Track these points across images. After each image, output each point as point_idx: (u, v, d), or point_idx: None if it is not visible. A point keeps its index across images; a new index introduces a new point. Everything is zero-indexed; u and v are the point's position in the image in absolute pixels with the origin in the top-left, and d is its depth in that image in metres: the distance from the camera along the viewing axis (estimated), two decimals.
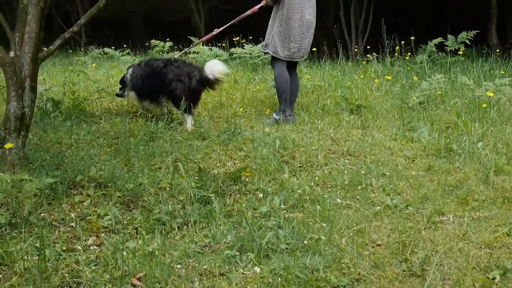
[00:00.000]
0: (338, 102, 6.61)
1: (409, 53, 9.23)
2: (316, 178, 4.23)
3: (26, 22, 4.14)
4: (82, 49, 14.29)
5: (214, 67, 5.89)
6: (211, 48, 10.28)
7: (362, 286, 2.77)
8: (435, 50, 8.96)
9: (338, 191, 3.96)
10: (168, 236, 3.32)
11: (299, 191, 3.90)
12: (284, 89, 6.00)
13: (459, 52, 8.52)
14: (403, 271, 2.90)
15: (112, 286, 2.73)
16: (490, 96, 5.70)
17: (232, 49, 10.48)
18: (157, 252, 3.04)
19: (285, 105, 5.94)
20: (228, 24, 6.68)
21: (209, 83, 5.93)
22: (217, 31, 6.99)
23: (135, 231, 3.36)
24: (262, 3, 6.12)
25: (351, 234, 3.29)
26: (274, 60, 6.10)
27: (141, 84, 6.15)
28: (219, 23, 7.09)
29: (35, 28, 4.14)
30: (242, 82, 8.43)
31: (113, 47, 12.03)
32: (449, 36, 8.83)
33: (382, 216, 3.58)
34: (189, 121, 5.83)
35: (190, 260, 3.01)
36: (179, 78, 5.90)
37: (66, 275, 2.81)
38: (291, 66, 6.13)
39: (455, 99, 6.31)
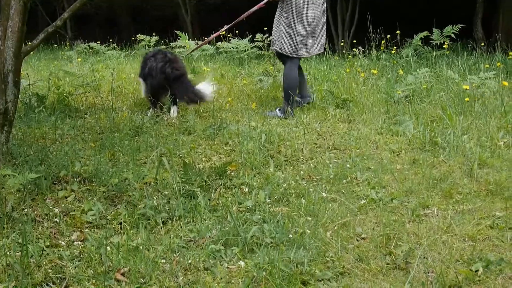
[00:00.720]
0: (324, 96, 6.62)
1: (395, 47, 9.25)
2: (302, 172, 4.24)
3: (9, 16, 4.10)
4: (68, 43, 14.19)
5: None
6: (197, 43, 10.23)
7: (346, 279, 2.77)
8: (420, 44, 8.98)
9: (323, 185, 3.97)
10: (153, 231, 3.31)
11: (284, 185, 3.90)
12: (292, 88, 5.97)
13: (444, 46, 8.55)
14: (387, 264, 2.91)
15: (95, 281, 2.71)
16: (466, 89, 5.73)
17: (219, 43, 10.45)
18: (141, 247, 3.03)
19: (292, 104, 5.96)
20: (236, 21, 6.62)
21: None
22: (226, 28, 7.09)
23: (119, 226, 3.35)
24: None
25: (335, 227, 3.29)
26: (283, 57, 6.09)
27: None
28: (206, 18, 7.08)
29: (18, 23, 4.10)
30: (229, 77, 8.42)
31: (98, 42, 11.95)
32: (434, 30, 8.85)
33: (366, 209, 3.59)
34: (172, 111, 5.96)
35: (174, 254, 3.00)
36: (151, 72, 5.95)
37: (49, 270, 2.79)
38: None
39: (440, 93, 6.33)
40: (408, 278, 2.72)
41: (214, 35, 7.22)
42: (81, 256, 2.97)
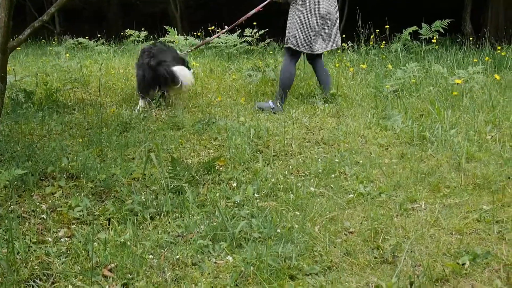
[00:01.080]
0: (313, 91, 6.61)
1: (384, 42, 9.26)
2: (290, 166, 4.24)
3: None
4: (56, 39, 14.10)
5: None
6: (186, 38, 10.20)
7: (334, 274, 2.78)
8: (409, 39, 9.00)
9: (312, 180, 3.97)
10: (141, 227, 3.30)
11: (273, 180, 3.90)
12: (286, 83, 6.04)
13: (433, 41, 8.57)
14: (375, 258, 2.92)
15: (82, 277, 2.70)
16: (458, 83, 5.75)
17: (208, 38, 10.40)
18: (129, 243, 3.02)
19: (281, 99, 6.03)
20: (235, 23, 6.77)
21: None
22: (227, 29, 7.26)
23: (107, 222, 3.34)
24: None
25: (324, 222, 3.30)
26: (286, 51, 6.13)
27: None
28: (195, 13, 7.08)
29: (4, 18, 4.06)
30: (218, 72, 8.39)
31: (87, 37, 11.88)
32: (423, 24, 8.87)
33: (355, 203, 3.60)
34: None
35: (162, 250, 3.00)
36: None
37: (36, 267, 2.78)
38: (313, 57, 6.22)
39: (429, 87, 6.34)
40: (396, 272, 2.73)
41: (218, 34, 7.29)
42: (68, 252, 2.95)
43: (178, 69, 5.98)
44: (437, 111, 5.20)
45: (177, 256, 2.91)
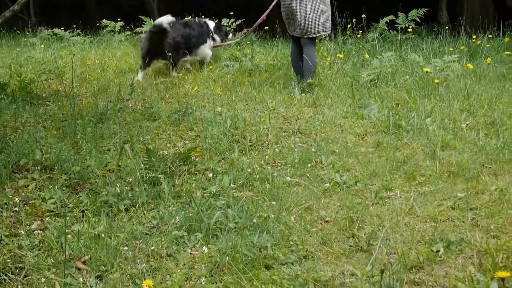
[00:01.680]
0: (291, 81, 6.60)
1: (361, 31, 9.27)
2: (266, 156, 4.23)
3: None
4: (31, 29, 13.90)
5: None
6: None
7: (310, 263, 2.78)
8: (386, 28, 9.02)
9: (288, 169, 3.97)
10: (116, 219, 3.28)
11: (249, 170, 3.89)
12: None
13: (409, 30, 8.61)
14: (350, 246, 2.93)
15: (56, 270, 2.68)
16: (428, 72, 5.78)
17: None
18: (103, 235, 2.99)
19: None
20: (250, 30, 7.65)
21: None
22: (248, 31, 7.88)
23: (81, 214, 3.31)
24: None
25: (299, 211, 3.30)
26: (313, 41, 6.39)
27: None
28: (172, 3, 7.09)
29: None
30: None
31: (62, 28, 11.73)
32: (400, 14, 8.89)
33: (331, 193, 3.60)
34: None
35: (137, 241, 2.98)
36: None
37: (8, 260, 2.75)
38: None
39: (405, 76, 6.36)
40: (370, 260, 2.74)
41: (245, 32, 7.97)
42: (41, 245, 2.92)
43: None
44: (413, 100, 5.22)
45: (152, 248, 2.90)
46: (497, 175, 3.75)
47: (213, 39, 7.94)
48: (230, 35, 8.42)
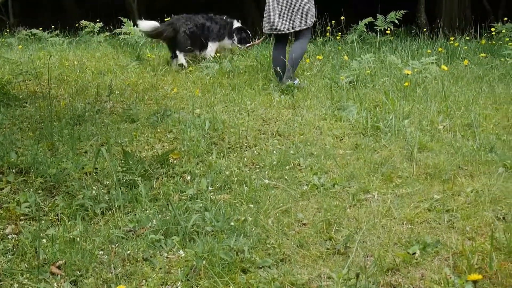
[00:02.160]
0: (270, 82, 6.60)
1: (340, 33, 9.31)
2: (245, 159, 4.22)
3: None
4: (8, 30, 13.74)
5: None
6: None
7: (287, 266, 2.78)
8: (365, 30, 9.07)
9: (266, 172, 3.96)
10: (92, 222, 3.25)
11: (227, 173, 3.87)
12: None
13: (387, 32, 8.66)
14: (327, 249, 2.93)
15: (29, 275, 2.64)
16: (408, 74, 5.82)
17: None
18: (78, 239, 2.96)
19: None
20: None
21: None
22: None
23: (56, 218, 3.27)
24: None
25: (277, 214, 3.30)
26: (308, 32, 6.50)
27: None
28: (152, 4, 7.06)
29: None
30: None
31: (41, 28, 11.61)
32: (378, 16, 8.94)
33: (308, 195, 3.61)
34: None
35: (113, 245, 2.95)
36: None
37: None
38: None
39: (383, 78, 6.39)
40: (347, 263, 2.75)
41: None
42: (15, 249, 2.89)
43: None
44: (391, 102, 5.25)
45: (128, 252, 2.88)
46: (473, 177, 3.78)
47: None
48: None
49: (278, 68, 6.42)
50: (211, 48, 8.14)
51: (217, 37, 8.19)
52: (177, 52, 7.87)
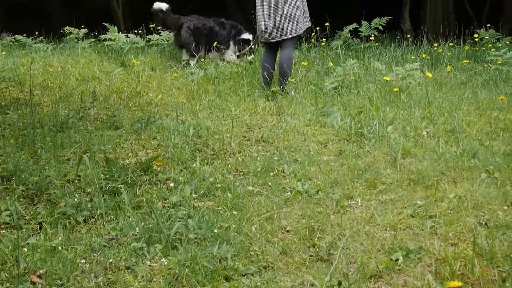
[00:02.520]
0: (255, 88, 6.60)
1: (325, 39, 9.34)
2: (229, 165, 4.21)
3: None
4: None
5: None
6: (127, 35, 10.04)
7: (270, 273, 2.77)
8: (349, 36, 9.11)
9: (250, 178, 3.95)
10: (74, 230, 3.22)
11: (211, 180, 3.86)
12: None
13: (371, 38, 8.71)
14: (311, 256, 2.93)
15: (9, 285, 2.61)
16: (388, 80, 5.86)
17: (149, 36, 10.27)
18: (60, 247, 2.93)
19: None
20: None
21: None
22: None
23: (38, 226, 3.24)
24: None
25: (261, 221, 3.29)
26: (294, 41, 6.55)
27: None
28: (138, 10, 7.05)
29: None
30: (159, 70, 8.28)
31: (25, 35, 11.54)
32: (363, 22, 8.99)
33: (292, 202, 3.60)
34: None
35: (95, 254, 2.93)
36: None
37: None
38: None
39: (368, 84, 6.42)
40: (330, 270, 2.75)
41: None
42: None
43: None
44: (375, 108, 5.26)
45: (110, 260, 2.85)
46: (456, 182, 3.80)
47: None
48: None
49: (265, 73, 6.43)
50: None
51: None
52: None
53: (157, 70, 8.24)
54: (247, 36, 8.44)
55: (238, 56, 8.46)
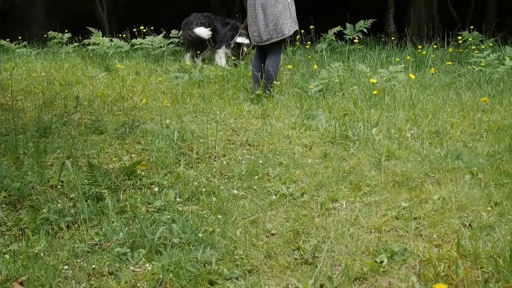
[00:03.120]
0: (240, 92, 6.59)
1: (309, 42, 9.36)
2: (214, 169, 4.19)
3: None
4: None
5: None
6: (111, 40, 10.00)
7: (254, 277, 2.76)
8: (334, 39, 9.14)
9: (235, 182, 3.94)
10: (57, 236, 3.18)
11: (195, 183, 3.84)
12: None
13: (355, 41, 8.74)
14: (295, 259, 2.92)
15: None
16: (373, 83, 5.88)
17: (134, 40, 10.23)
18: (42, 254, 2.90)
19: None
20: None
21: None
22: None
23: (20, 232, 3.20)
24: None
25: (245, 225, 3.28)
26: (279, 44, 6.47)
27: None
28: (123, 14, 6.98)
29: None
30: (144, 74, 8.25)
31: (8, 40, 11.46)
32: (347, 24, 9.03)
33: (277, 205, 3.60)
34: None
35: (77, 260, 2.90)
36: None
37: None
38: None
39: (352, 87, 6.43)
40: (315, 273, 2.74)
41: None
42: None
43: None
44: (359, 110, 5.27)
45: (94, 266, 2.83)
46: (440, 184, 3.81)
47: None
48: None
49: (254, 74, 6.44)
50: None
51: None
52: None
53: (141, 74, 8.21)
54: (241, 40, 8.38)
55: (227, 60, 8.46)
